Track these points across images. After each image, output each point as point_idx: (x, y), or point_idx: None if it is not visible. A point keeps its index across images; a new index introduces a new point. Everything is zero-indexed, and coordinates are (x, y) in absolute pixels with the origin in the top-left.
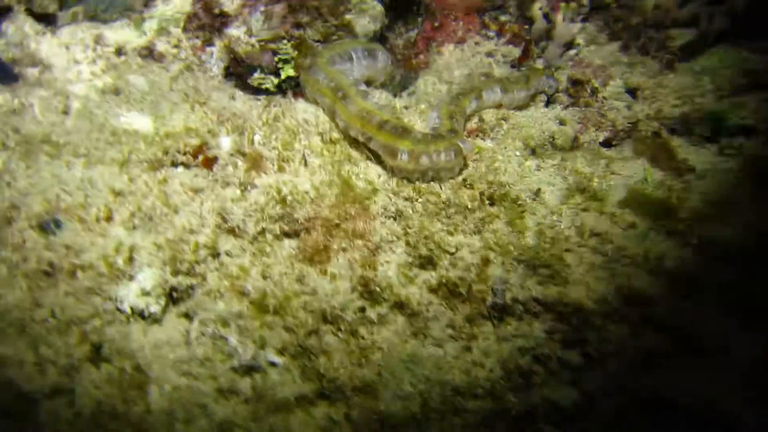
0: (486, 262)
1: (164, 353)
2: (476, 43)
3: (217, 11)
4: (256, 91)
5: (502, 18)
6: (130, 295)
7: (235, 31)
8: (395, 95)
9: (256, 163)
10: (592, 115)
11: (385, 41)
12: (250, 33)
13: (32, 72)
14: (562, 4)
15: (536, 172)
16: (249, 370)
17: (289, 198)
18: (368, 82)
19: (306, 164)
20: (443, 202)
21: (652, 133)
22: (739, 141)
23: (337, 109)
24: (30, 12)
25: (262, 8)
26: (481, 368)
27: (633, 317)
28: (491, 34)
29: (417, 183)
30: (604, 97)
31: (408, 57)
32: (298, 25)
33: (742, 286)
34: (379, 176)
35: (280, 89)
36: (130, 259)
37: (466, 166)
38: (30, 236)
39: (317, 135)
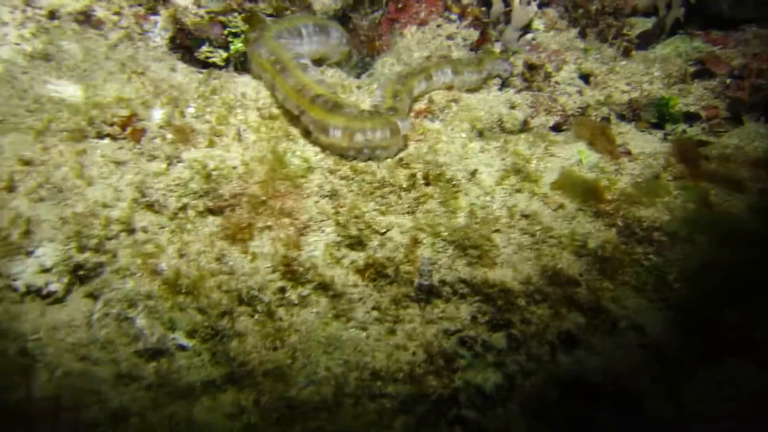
0: (415, 242)
1: (62, 336)
2: (438, 26)
3: None
4: (204, 65)
5: (465, 1)
6: (26, 272)
7: (182, 0)
8: (356, 75)
9: (185, 136)
10: (544, 100)
11: (348, 21)
12: (198, 3)
13: None
14: None
15: (479, 153)
16: (155, 354)
17: (215, 173)
18: (321, 60)
19: (240, 139)
20: (378, 182)
21: (594, 117)
22: (682, 127)
23: (276, 82)
24: None
25: None
26: (403, 351)
27: (555, 298)
28: (453, 16)
29: (353, 162)
30: (557, 82)
31: (372, 38)
32: None
33: (660, 266)
34: (316, 154)
35: (229, 63)
36: (27, 233)
37: (406, 145)
38: None
39: (255, 110)
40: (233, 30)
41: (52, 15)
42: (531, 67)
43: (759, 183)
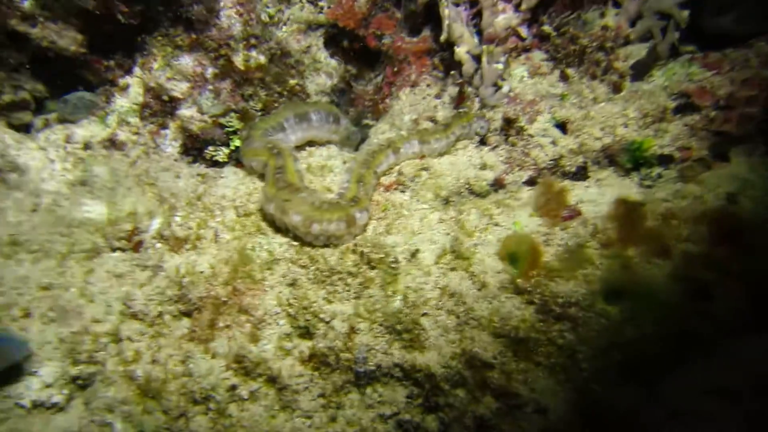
0: (352, 330)
1: None
2: (428, 85)
3: (166, 97)
4: (213, 163)
5: (450, 57)
6: (32, 389)
7: (186, 111)
8: (355, 148)
9: (170, 244)
10: (517, 155)
11: (349, 90)
12: (201, 111)
13: (13, 177)
14: (484, 48)
15: (435, 226)
16: None
17: (186, 279)
18: (315, 142)
19: (217, 240)
20: (329, 270)
21: (569, 167)
22: (658, 170)
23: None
24: (9, 125)
25: (210, 87)
26: None
27: (473, 382)
28: (440, 74)
29: (311, 249)
30: (530, 135)
31: (376, 102)
32: (243, 98)
33: (572, 345)
34: (281, 245)
35: (231, 159)
36: (32, 356)
37: (363, 231)
38: None
39: (233, 209)
40: (230, 129)
41: (86, 146)
42: (508, 121)
43: (691, 243)
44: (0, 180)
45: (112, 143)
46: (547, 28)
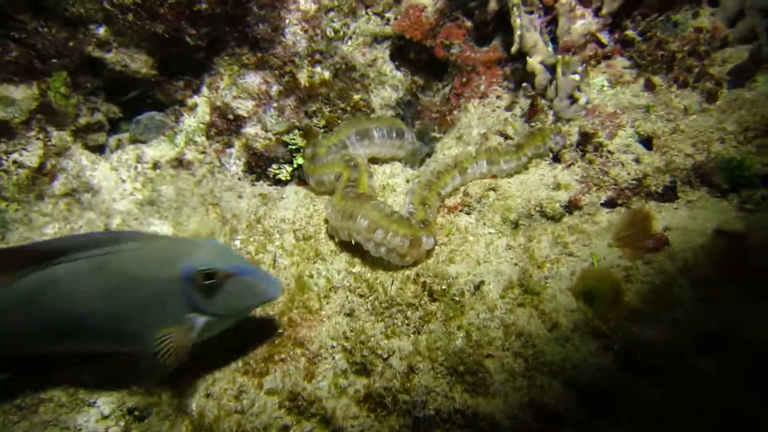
0: (411, 369)
1: None
2: (498, 97)
3: (231, 116)
4: (277, 182)
5: (522, 68)
6: (90, 421)
7: (251, 129)
8: (419, 164)
9: None
10: (595, 173)
11: (415, 102)
12: (265, 128)
13: (86, 197)
14: (559, 57)
15: (503, 253)
16: None
17: None
18: (376, 159)
19: (275, 266)
20: (388, 300)
21: (654, 188)
22: (762, 192)
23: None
24: (85, 146)
25: (275, 104)
26: None
27: None
28: (511, 85)
29: (369, 275)
30: (610, 151)
31: (443, 113)
32: (306, 114)
33: (657, 402)
34: (339, 272)
35: (293, 177)
36: (87, 386)
37: (425, 257)
38: None
39: (291, 233)
40: (293, 146)
41: (155, 166)
42: (584, 136)
43: None
44: (75, 200)
45: (179, 162)
46: (630, 32)
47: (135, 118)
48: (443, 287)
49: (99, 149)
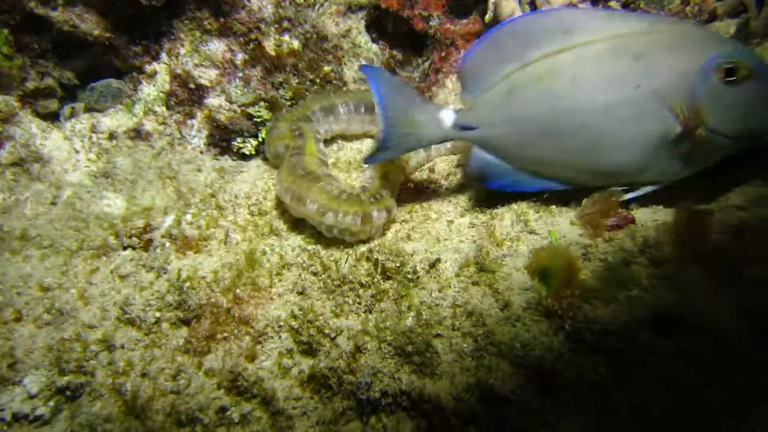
0: (358, 349)
1: None
2: None
3: (192, 85)
4: (241, 156)
5: None
6: (14, 401)
7: (214, 100)
8: None
9: (177, 245)
10: None
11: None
12: (230, 100)
13: (35, 167)
14: None
15: (465, 231)
16: None
17: (186, 284)
18: (346, 136)
19: (226, 242)
20: (340, 278)
21: None
22: None
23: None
24: (35, 113)
25: (240, 74)
26: None
27: (486, 419)
28: None
29: (324, 252)
30: None
31: (422, 90)
32: (273, 86)
33: (607, 383)
34: (293, 249)
35: (258, 151)
36: (15, 364)
37: (380, 232)
38: None
39: (246, 207)
40: (258, 119)
41: (111, 136)
42: None
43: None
44: (23, 170)
45: (137, 133)
46: (613, 3)
47: (90, 85)
48: (397, 265)
49: (51, 117)
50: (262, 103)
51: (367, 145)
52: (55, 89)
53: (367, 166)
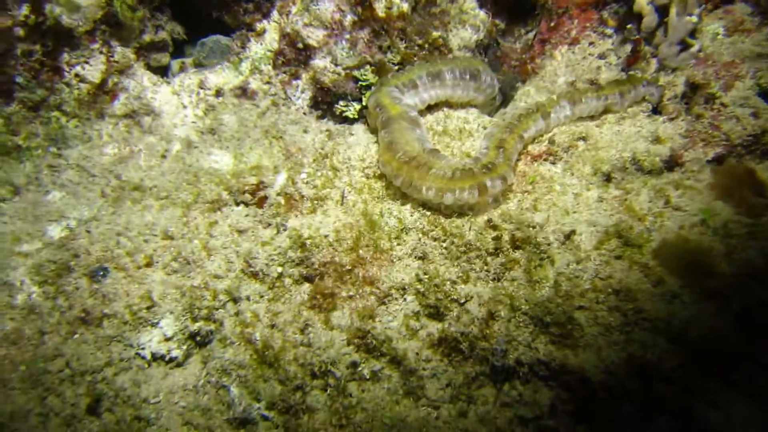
0: (491, 316)
1: (176, 399)
2: (591, 44)
3: (300, 45)
4: (343, 119)
5: (624, 11)
6: (152, 341)
7: (320, 62)
8: (495, 110)
9: (293, 203)
10: (703, 128)
11: (496, 47)
12: (335, 62)
13: (147, 120)
14: None
15: (594, 205)
16: (242, 423)
17: (309, 242)
18: (449, 103)
19: (343, 203)
20: (465, 245)
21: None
22: None
23: (378, 139)
24: (147, 66)
25: (347, 36)
26: None
27: (641, 396)
28: (609, 31)
29: (444, 219)
30: (723, 104)
31: (524, 61)
32: (380, 49)
33: None
34: (412, 213)
35: (361, 115)
36: (153, 306)
37: (497, 201)
38: (81, 284)
39: (360, 170)
40: (364, 83)
41: (218, 93)
42: (693, 87)
43: None
44: (135, 122)
45: (243, 92)
46: None
47: (200, 41)
48: (527, 234)
49: (161, 71)
50: (368, 67)
51: (473, 114)
52: (168, 43)
53: (484, 135)
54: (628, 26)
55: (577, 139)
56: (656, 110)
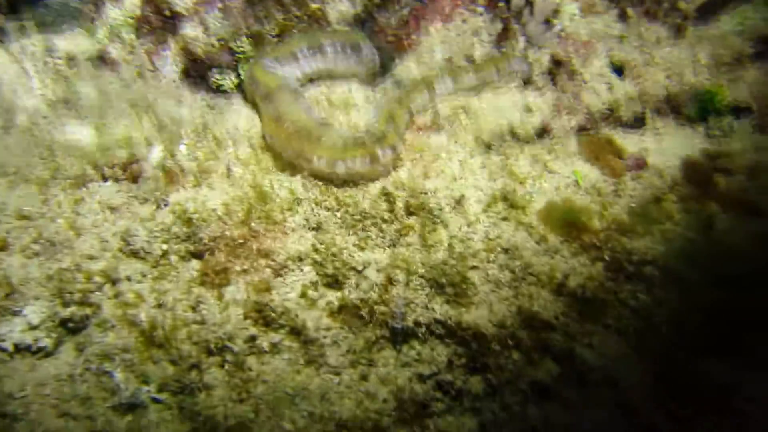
0: (390, 281)
1: (48, 391)
2: (463, 21)
3: (168, 12)
4: (217, 91)
5: None
6: (14, 331)
7: (191, 31)
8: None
9: (173, 177)
10: (567, 100)
11: (373, 22)
12: (207, 31)
13: None
14: None
15: (478, 171)
16: (129, 408)
17: (195, 216)
18: (333, 76)
19: (229, 176)
20: (360, 213)
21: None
22: (728, 121)
23: (261, 112)
24: None
25: (219, 4)
26: (373, 400)
27: (530, 343)
28: (480, 9)
29: (338, 191)
30: (584, 79)
31: (400, 37)
32: (256, 19)
33: (647, 307)
34: (303, 185)
35: (240, 88)
36: (13, 293)
37: (388, 170)
38: None
39: (247, 142)
40: (240, 55)
41: (71, 61)
42: (557, 63)
43: None
44: None
45: (102, 61)
46: None
47: (43, 1)
48: (420, 201)
49: None
50: (244, 39)
51: (354, 86)
52: (1, 3)
53: (369, 107)
54: (499, 4)
55: (458, 110)
56: (527, 84)
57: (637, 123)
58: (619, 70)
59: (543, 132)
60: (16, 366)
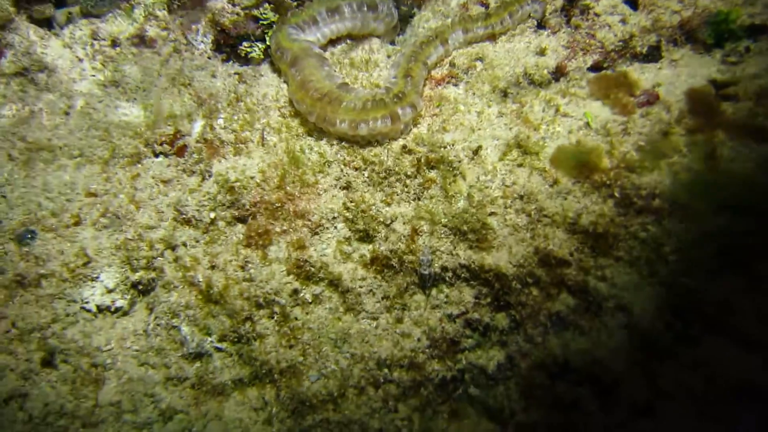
0: (415, 232)
1: (128, 344)
2: None
3: None
4: (248, 61)
5: None
6: (95, 294)
7: (217, 2)
8: (393, 41)
9: (214, 148)
10: (581, 37)
11: None
12: (233, 1)
13: (41, 77)
14: None
15: (495, 120)
16: (197, 356)
17: (237, 184)
18: (354, 36)
19: (264, 143)
20: (384, 171)
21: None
22: (745, 44)
23: (288, 79)
24: (31, 19)
25: None
26: (408, 339)
27: (547, 279)
28: None
29: (362, 150)
30: (596, 13)
31: None
32: None
33: (657, 238)
34: (332, 146)
35: (267, 55)
36: (90, 262)
37: (409, 127)
38: (10, 248)
39: (277, 110)
40: (265, 21)
41: (114, 43)
42: (570, 0)
43: None
44: (28, 80)
45: (141, 40)
46: None
47: None
48: (440, 155)
49: (47, 24)
50: (266, 5)
51: (376, 44)
52: None
53: (388, 64)
54: None
55: (474, 60)
56: (541, 25)
57: (654, 54)
58: (631, 1)
59: (559, 74)
60: (100, 324)
